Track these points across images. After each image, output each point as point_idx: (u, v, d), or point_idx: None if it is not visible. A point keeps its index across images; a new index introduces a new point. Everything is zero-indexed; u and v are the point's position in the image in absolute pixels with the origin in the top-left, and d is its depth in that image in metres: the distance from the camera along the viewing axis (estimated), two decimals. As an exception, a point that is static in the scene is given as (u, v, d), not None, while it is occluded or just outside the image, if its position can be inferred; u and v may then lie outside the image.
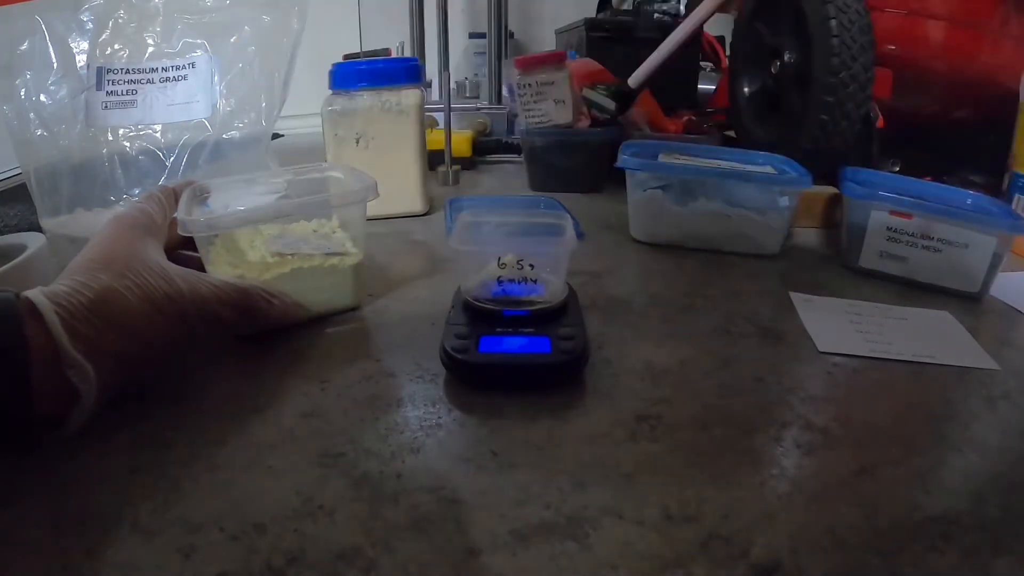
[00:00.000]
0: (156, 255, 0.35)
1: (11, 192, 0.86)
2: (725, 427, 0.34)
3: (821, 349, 0.43)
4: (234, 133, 0.57)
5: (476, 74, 1.67)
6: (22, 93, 0.51)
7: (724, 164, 0.63)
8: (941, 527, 0.27)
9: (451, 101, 0.84)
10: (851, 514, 0.28)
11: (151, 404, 0.35)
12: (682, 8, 1.13)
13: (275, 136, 1.16)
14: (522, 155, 0.87)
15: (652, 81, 0.93)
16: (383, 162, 0.68)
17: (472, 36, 1.77)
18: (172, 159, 0.54)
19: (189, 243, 0.43)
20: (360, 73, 0.68)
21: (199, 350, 0.41)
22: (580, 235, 0.44)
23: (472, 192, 0.83)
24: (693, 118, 0.96)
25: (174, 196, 0.41)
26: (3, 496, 0.28)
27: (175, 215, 0.41)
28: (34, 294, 0.29)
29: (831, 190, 0.66)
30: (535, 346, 0.37)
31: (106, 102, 0.52)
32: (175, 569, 0.25)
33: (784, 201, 0.58)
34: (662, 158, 0.64)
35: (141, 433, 0.33)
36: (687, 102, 1.10)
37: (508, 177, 0.90)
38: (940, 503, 0.29)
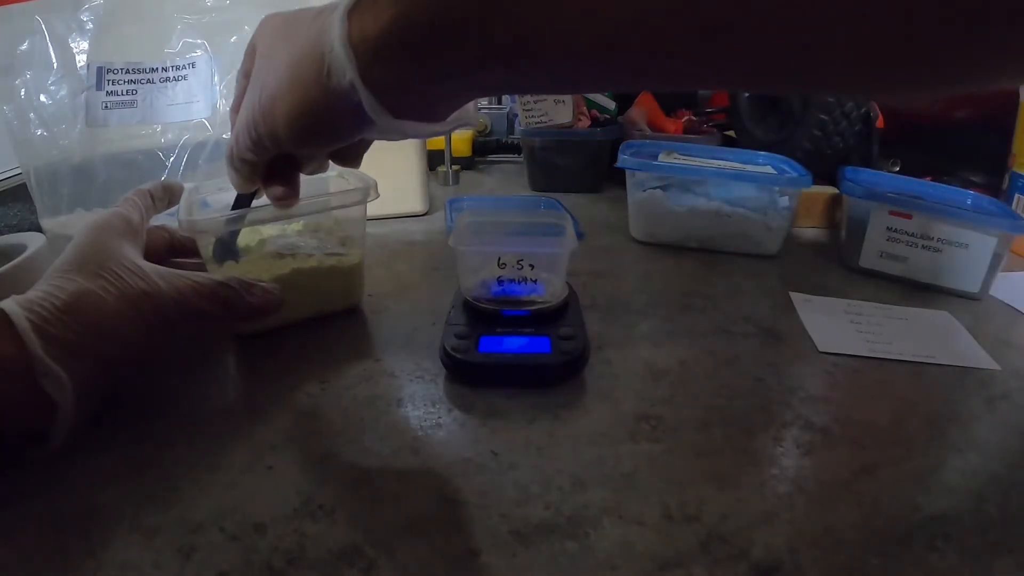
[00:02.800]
0: (131, 254, 0.34)
1: (11, 192, 0.86)
2: (725, 427, 0.34)
3: (821, 349, 0.43)
4: (234, 133, 0.57)
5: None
6: (22, 93, 0.51)
7: (724, 164, 0.63)
8: (941, 527, 0.27)
9: (451, 101, 0.84)
10: (851, 514, 0.28)
11: (151, 404, 0.35)
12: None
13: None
14: (522, 155, 0.87)
15: (652, 81, 0.92)
16: (383, 162, 0.67)
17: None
18: (172, 159, 0.54)
19: (180, 251, 0.42)
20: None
21: (198, 350, 0.41)
22: (580, 235, 0.44)
23: (472, 192, 0.83)
24: (693, 118, 0.96)
25: (149, 197, 0.40)
26: (3, 496, 0.28)
27: (177, 217, 0.41)
28: (5, 303, 0.29)
29: (831, 190, 0.66)
30: (535, 346, 0.37)
31: (106, 102, 0.52)
32: (175, 569, 0.25)
33: (784, 201, 0.58)
34: (662, 158, 0.64)
35: (141, 433, 0.33)
36: (687, 102, 1.10)
37: (508, 177, 0.90)
38: (940, 503, 0.29)
